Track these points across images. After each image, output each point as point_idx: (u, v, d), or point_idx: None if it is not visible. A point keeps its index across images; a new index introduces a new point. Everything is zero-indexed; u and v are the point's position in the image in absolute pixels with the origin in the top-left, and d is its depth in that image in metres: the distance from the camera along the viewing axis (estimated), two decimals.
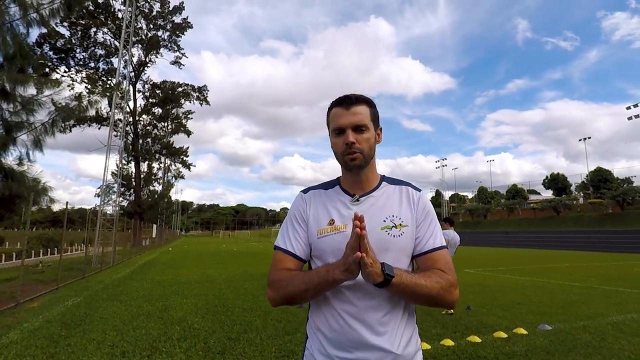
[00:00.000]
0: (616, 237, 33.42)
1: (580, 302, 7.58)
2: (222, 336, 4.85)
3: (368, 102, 1.20)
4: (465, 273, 13.37)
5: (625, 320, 6.03)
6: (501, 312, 6.58)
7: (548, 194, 58.84)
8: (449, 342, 4.63)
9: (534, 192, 68.24)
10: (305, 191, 1.28)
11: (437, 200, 67.10)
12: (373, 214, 1.16)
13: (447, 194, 65.35)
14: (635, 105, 38.86)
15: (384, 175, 1.27)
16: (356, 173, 1.18)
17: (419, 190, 1.24)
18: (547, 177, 58.36)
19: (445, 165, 63.53)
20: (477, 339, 4.78)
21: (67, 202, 10.02)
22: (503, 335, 5.01)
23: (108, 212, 20.80)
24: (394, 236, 1.13)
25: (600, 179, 49.03)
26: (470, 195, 75.07)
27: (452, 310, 6.50)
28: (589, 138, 58.66)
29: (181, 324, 5.44)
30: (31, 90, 8.28)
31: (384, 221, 1.15)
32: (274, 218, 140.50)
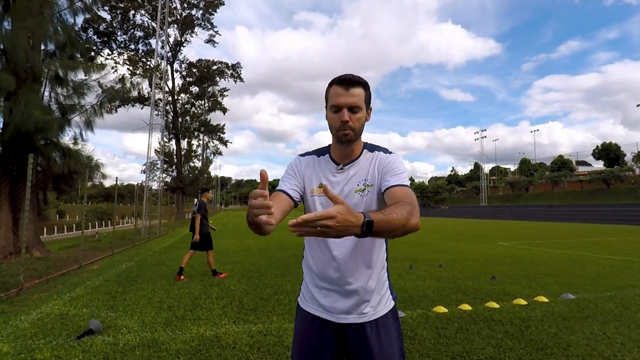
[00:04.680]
0: None
1: (614, 274, 7.42)
2: (255, 296, 5.37)
3: (364, 85, 1.37)
4: (498, 246, 13.24)
5: None
6: (526, 282, 6.63)
7: (599, 165, 55.10)
8: (466, 307, 4.83)
9: (585, 163, 63.88)
10: (302, 155, 1.53)
11: (476, 174, 64.93)
12: (351, 180, 1.42)
13: (487, 167, 62.90)
14: None
15: (365, 143, 1.48)
16: (345, 146, 1.42)
17: (390, 152, 1.44)
18: (597, 147, 54.37)
19: (485, 137, 60.99)
20: (495, 305, 4.93)
21: (116, 178, 10.99)
22: (523, 302, 5.10)
23: (153, 187, 22.29)
24: (362, 196, 1.39)
25: None
26: (512, 168, 71.94)
27: None
28: None
29: (219, 286, 6.04)
30: (80, 75, 9.04)
31: (358, 185, 1.41)
32: None
